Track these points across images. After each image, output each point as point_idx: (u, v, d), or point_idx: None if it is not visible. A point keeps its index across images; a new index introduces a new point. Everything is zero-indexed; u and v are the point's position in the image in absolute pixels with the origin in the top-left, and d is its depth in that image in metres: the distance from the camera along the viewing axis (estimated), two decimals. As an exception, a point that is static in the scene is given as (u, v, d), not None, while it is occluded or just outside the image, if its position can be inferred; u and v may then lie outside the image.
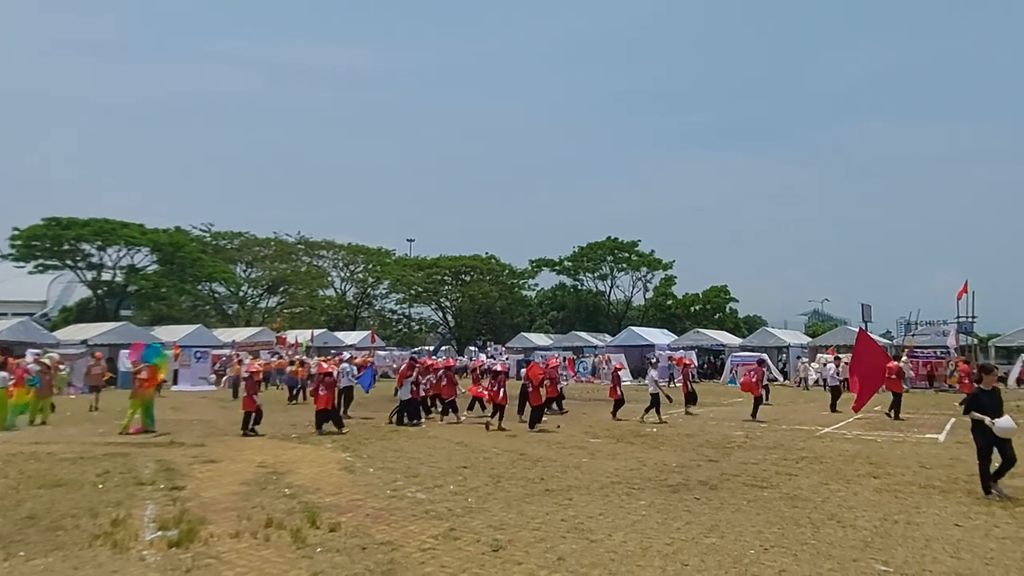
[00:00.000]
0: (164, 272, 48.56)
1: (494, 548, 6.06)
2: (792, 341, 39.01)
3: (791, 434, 14.37)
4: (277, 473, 9.82)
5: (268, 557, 5.82)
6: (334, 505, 7.75)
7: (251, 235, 57.88)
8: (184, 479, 9.32)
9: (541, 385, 15.70)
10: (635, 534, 6.54)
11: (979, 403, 8.22)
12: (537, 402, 15.47)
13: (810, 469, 10.17)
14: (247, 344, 38.27)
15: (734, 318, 61.77)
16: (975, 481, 9.09)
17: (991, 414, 8.03)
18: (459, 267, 60.84)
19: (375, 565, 5.59)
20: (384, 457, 11.27)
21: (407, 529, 6.72)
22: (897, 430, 15.00)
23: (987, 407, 8.11)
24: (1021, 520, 7.10)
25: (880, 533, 6.60)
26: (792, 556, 5.86)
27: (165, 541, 6.24)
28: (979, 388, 8.46)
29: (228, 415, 18.74)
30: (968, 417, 8.33)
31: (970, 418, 8.28)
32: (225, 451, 11.96)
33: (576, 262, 61.41)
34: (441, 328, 64.24)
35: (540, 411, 15.53)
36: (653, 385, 16.73)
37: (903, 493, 8.46)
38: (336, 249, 62.30)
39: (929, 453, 11.76)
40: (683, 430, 15.04)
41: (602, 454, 11.63)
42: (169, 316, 48.24)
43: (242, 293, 57.40)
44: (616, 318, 60.05)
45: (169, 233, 49.96)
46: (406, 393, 16.01)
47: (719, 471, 9.96)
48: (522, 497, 8.20)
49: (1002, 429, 7.95)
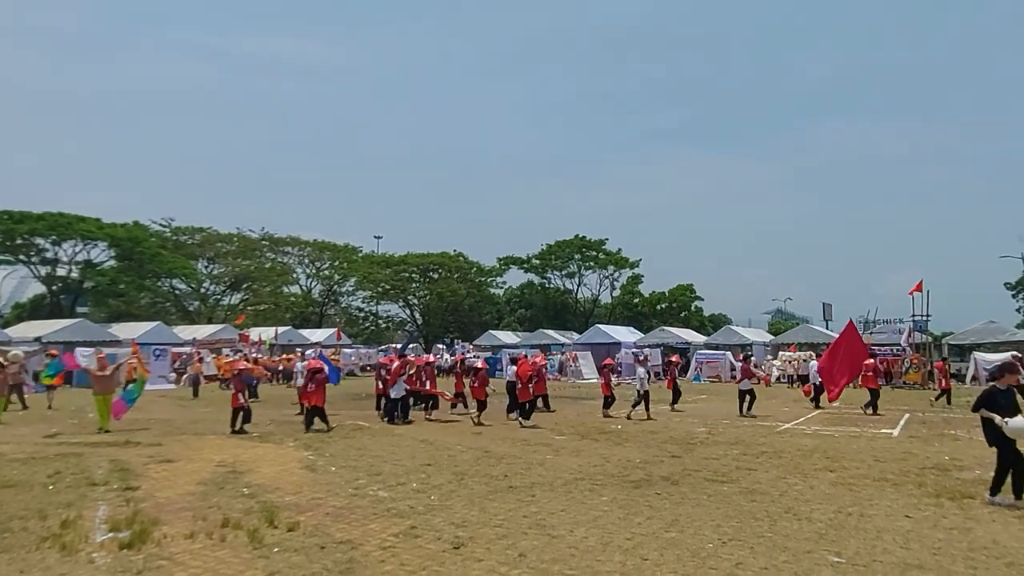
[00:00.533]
0: (122, 268, 47.44)
1: (455, 545, 6.04)
2: (756, 339, 39.72)
3: (752, 430, 14.61)
4: (236, 472, 9.63)
5: (223, 558, 5.71)
6: (294, 504, 7.64)
7: (213, 231, 56.78)
8: (139, 479, 9.09)
9: (530, 382, 15.90)
10: (596, 529, 6.58)
11: (994, 401, 7.74)
12: (526, 398, 15.70)
13: (769, 464, 10.35)
14: (208, 341, 37.59)
15: (699, 316, 62.71)
16: (926, 474, 9.40)
17: (1005, 414, 7.51)
18: (427, 264, 60.58)
19: (333, 564, 5.52)
20: (347, 455, 11.15)
21: (367, 527, 6.66)
22: (854, 425, 15.35)
23: (1002, 407, 7.60)
24: (968, 511, 7.32)
25: (834, 525, 6.75)
26: (749, 549, 5.95)
27: (116, 543, 6.07)
28: (995, 386, 7.96)
29: (187, 414, 18.41)
30: (978, 414, 7.87)
31: (980, 416, 7.83)
32: (183, 451, 11.70)
33: (544, 260, 61.63)
34: (408, 326, 63.88)
35: (531, 406, 15.76)
36: (641, 383, 17.07)
37: (857, 486, 8.66)
38: (302, 245, 61.55)
39: (883, 447, 12.07)
40: (647, 427, 15.18)
41: (566, 451, 11.68)
42: (128, 313, 47.03)
43: (204, 290, 56.32)
44: (583, 316, 60.45)
45: (127, 228, 48.77)
46: (400, 391, 15.94)
47: (681, 467, 10.08)
48: (485, 494, 8.19)
49: (1014, 429, 7.41)
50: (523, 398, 15.70)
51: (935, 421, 16.18)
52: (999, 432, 7.55)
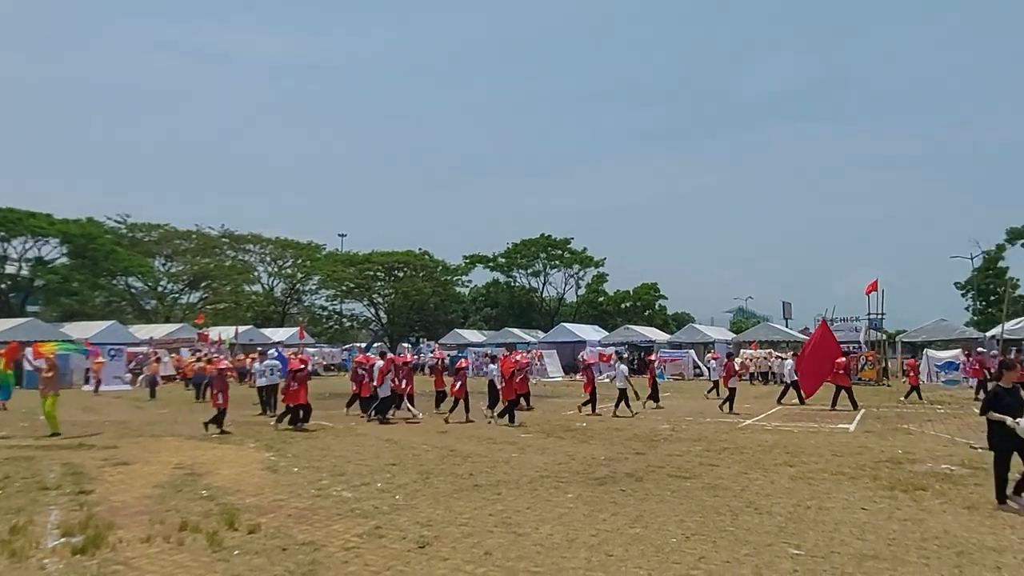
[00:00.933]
0: (75, 266, 45.98)
1: (420, 545, 6.00)
2: (718, 337, 40.39)
3: (714, 426, 14.85)
4: (195, 474, 9.41)
5: (181, 562, 5.57)
6: (255, 506, 7.49)
7: (171, 228, 55.27)
8: (93, 483, 8.81)
9: (514, 378, 15.99)
10: (562, 527, 6.60)
11: (1000, 402, 7.24)
12: (509, 396, 15.77)
13: (731, 459, 10.52)
14: (166, 341, 36.72)
15: (663, 315, 63.51)
16: (880, 468, 9.66)
17: (1013, 414, 7.08)
18: (392, 263, 60.03)
19: (295, 566, 5.43)
20: (310, 456, 10.99)
21: (331, 528, 6.57)
22: (812, 421, 15.71)
23: (1009, 406, 7.15)
24: (920, 503, 7.55)
25: (794, 518, 6.89)
26: (712, 543, 6.04)
27: (69, 548, 5.87)
28: (999, 386, 7.50)
29: (144, 415, 17.94)
30: (986, 418, 7.36)
31: (987, 419, 7.31)
32: (139, 453, 11.39)
33: (510, 259, 61.67)
34: (373, 325, 63.30)
35: (512, 405, 15.79)
36: (622, 380, 17.31)
37: (815, 480, 8.86)
38: (263, 243, 60.36)
39: (840, 442, 12.38)
40: (612, 424, 15.32)
41: (532, 449, 11.71)
42: (81, 312, 45.55)
43: (161, 288, 54.87)
44: (549, 315, 60.63)
45: (81, 224, 47.26)
46: (386, 390, 15.79)
47: (645, 463, 10.19)
48: (450, 493, 8.15)
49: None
50: (506, 396, 15.82)
51: (889, 416, 16.64)
52: (1006, 434, 7.05)
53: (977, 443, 11.67)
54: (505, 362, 16.64)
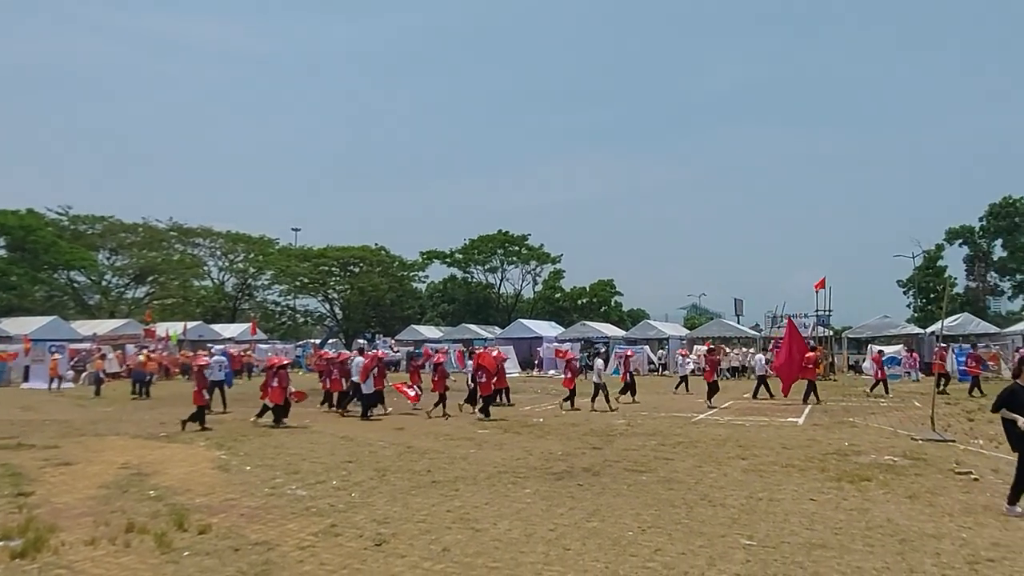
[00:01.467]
0: (14, 259, 44.16)
1: (377, 542, 5.93)
2: (672, 333, 41.04)
3: (669, 421, 15.10)
4: (142, 474, 9.13)
5: (128, 564, 5.39)
6: (205, 506, 7.30)
7: (116, 220, 53.29)
8: (33, 484, 8.46)
9: (495, 375, 16.07)
10: (519, 522, 6.62)
11: (1015, 400, 6.95)
12: (487, 392, 15.81)
13: (685, 453, 10.72)
14: (110, 337, 35.45)
15: (619, 311, 64.31)
16: (828, 460, 9.97)
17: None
18: (347, 258, 59.23)
19: (248, 567, 5.31)
20: (263, 454, 10.77)
21: (285, 527, 6.45)
22: (763, 415, 16.13)
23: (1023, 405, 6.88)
24: (865, 493, 7.82)
25: (746, 510, 7.06)
26: (667, 535, 6.14)
27: (8, 552, 5.62)
28: (1016, 383, 7.16)
29: (87, 414, 17.30)
30: (1000, 416, 7.13)
31: (1001, 417, 7.09)
32: (82, 452, 10.98)
33: (467, 255, 61.48)
34: (328, 320, 62.38)
35: (490, 400, 15.90)
36: (597, 375, 17.67)
37: (767, 472, 9.10)
38: (214, 237, 58.74)
39: (790, 435, 12.73)
40: (569, 419, 15.44)
41: (489, 445, 11.71)
42: (20, 307, 43.68)
43: (105, 283, 52.97)
44: (506, 311, 60.72)
45: (20, 216, 45.36)
46: (370, 387, 15.59)
47: (602, 458, 10.29)
48: (408, 490, 8.09)
49: None
50: (484, 392, 15.85)
51: (835, 410, 17.18)
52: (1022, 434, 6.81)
53: (918, 435, 12.18)
54: (484, 357, 16.58)
